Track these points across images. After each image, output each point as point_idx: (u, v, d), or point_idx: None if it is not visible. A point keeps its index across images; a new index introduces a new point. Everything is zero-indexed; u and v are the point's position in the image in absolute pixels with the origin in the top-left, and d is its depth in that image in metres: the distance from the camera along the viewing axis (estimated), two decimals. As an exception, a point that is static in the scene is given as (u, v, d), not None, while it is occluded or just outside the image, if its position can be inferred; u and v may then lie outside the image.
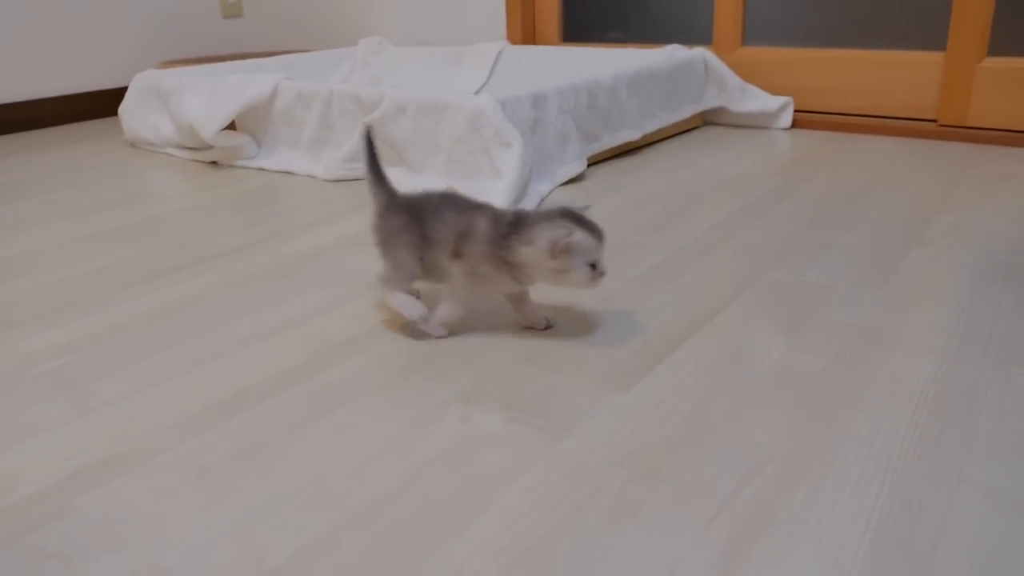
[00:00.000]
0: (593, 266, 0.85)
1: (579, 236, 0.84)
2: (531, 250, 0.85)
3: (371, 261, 1.19)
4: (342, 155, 1.62)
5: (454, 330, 0.95)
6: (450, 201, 0.93)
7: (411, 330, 0.96)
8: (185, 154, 1.89)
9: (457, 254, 0.89)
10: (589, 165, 1.67)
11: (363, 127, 1.02)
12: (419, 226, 0.91)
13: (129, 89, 2.03)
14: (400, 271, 0.92)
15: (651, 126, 1.79)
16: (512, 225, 0.87)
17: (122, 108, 2.04)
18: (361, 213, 1.43)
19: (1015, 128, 1.75)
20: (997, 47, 1.76)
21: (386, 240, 0.93)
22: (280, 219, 1.42)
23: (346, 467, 0.70)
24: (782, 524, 0.61)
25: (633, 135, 1.73)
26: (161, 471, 0.71)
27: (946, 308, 0.97)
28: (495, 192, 1.33)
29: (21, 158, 2.05)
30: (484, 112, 1.38)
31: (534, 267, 0.86)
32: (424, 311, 0.93)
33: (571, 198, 1.45)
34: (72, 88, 2.50)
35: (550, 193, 1.48)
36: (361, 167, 1.64)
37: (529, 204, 1.37)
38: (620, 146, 1.76)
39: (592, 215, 0.87)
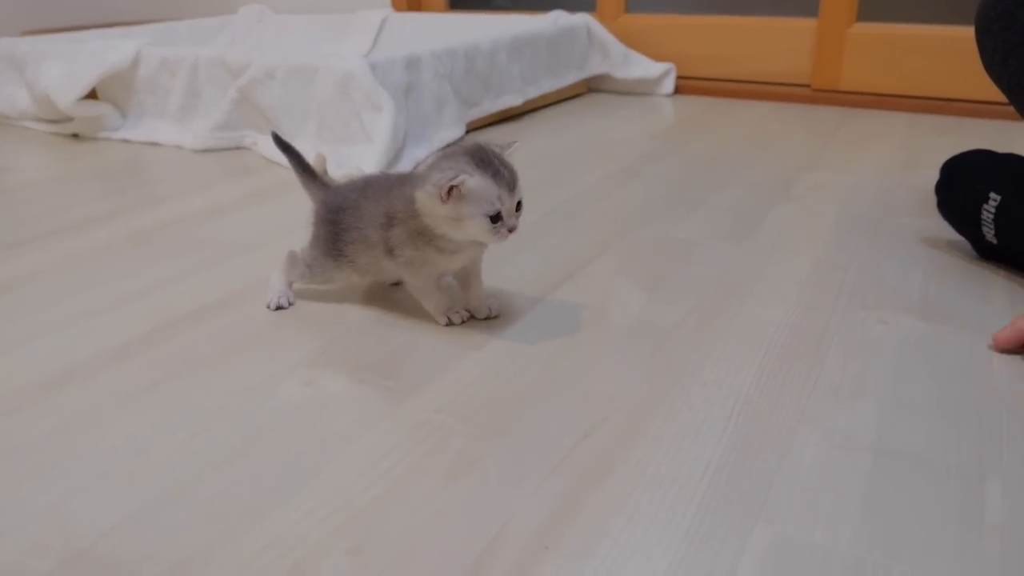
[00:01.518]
0: (496, 217, 0.72)
1: (474, 181, 0.71)
2: (422, 195, 0.73)
3: (228, 230, 1.14)
4: (211, 123, 1.55)
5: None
6: (371, 190, 0.82)
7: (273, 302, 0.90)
8: (44, 127, 1.77)
9: (390, 250, 0.80)
10: (470, 131, 1.64)
11: (271, 136, 0.96)
12: (346, 233, 0.82)
13: (-19, 58, 1.88)
14: (299, 268, 0.87)
15: (533, 92, 1.78)
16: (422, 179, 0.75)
17: (-27, 79, 1.89)
18: (228, 182, 1.37)
19: (883, 92, 1.81)
20: (866, 13, 1.81)
21: (313, 240, 0.86)
22: (140, 191, 1.35)
23: (176, 438, 0.66)
24: (622, 472, 0.60)
25: (515, 100, 1.71)
26: (-32, 452, 0.65)
27: (803, 259, 0.99)
28: (366, 157, 1.29)
29: None
30: (354, 75, 1.34)
31: (431, 216, 0.74)
32: (284, 302, 0.89)
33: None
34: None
35: (427, 159, 1.45)
36: (232, 136, 1.57)
37: (405, 169, 1.33)
38: (502, 112, 1.74)
39: (516, 153, 0.79)
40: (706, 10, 2.00)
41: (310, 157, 1.36)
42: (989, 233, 0.93)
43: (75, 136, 1.72)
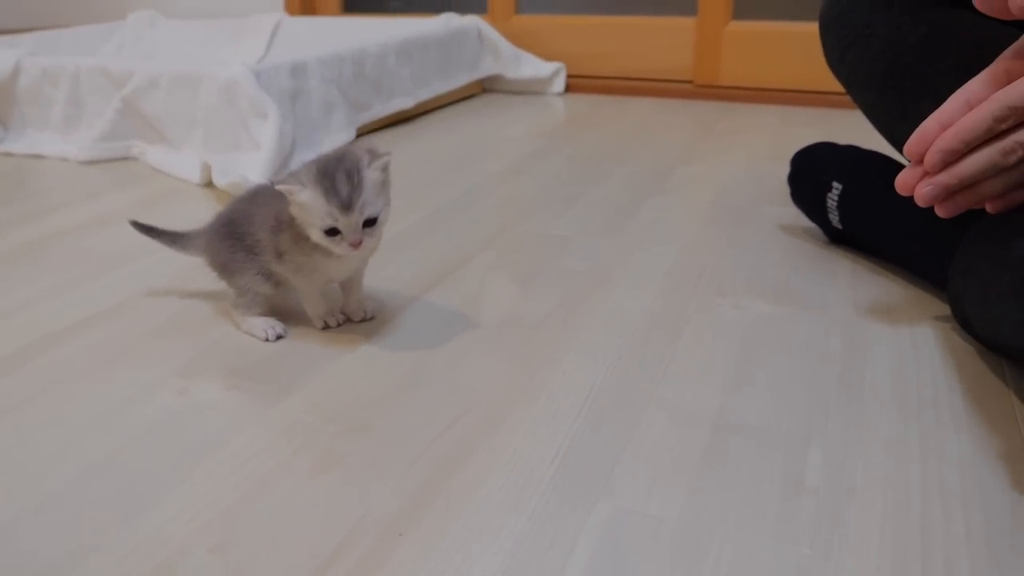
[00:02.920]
0: (332, 231, 0.73)
1: (305, 194, 0.72)
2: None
3: (113, 241, 1.13)
4: (96, 133, 1.52)
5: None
6: (260, 196, 0.83)
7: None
8: (-82, 142, 1.71)
9: (279, 255, 0.80)
10: (362, 134, 1.66)
11: (131, 223, 0.94)
12: (241, 241, 0.82)
13: None
14: (246, 296, 0.84)
15: (425, 94, 1.81)
16: None
17: None
18: (114, 193, 1.35)
19: (758, 86, 1.90)
20: (741, 11, 1.90)
21: (221, 271, 0.85)
22: (23, 204, 1.32)
23: (48, 450, 0.67)
24: (479, 460, 0.64)
25: (406, 103, 1.74)
26: None
27: (669, 249, 1.05)
28: (253, 165, 1.30)
29: None
30: (238, 83, 1.34)
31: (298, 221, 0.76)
32: (280, 330, 0.84)
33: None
34: None
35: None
36: (118, 146, 1.55)
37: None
38: (394, 115, 1.76)
39: (393, 164, 0.78)
40: (593, 10, 2.07)
41: (197, 165, 1.36)
42: (835, 219, 1.01)
43: (-48, 151, 1.67)
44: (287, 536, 0.57)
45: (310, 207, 0.73)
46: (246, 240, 0.83)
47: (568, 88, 2.08)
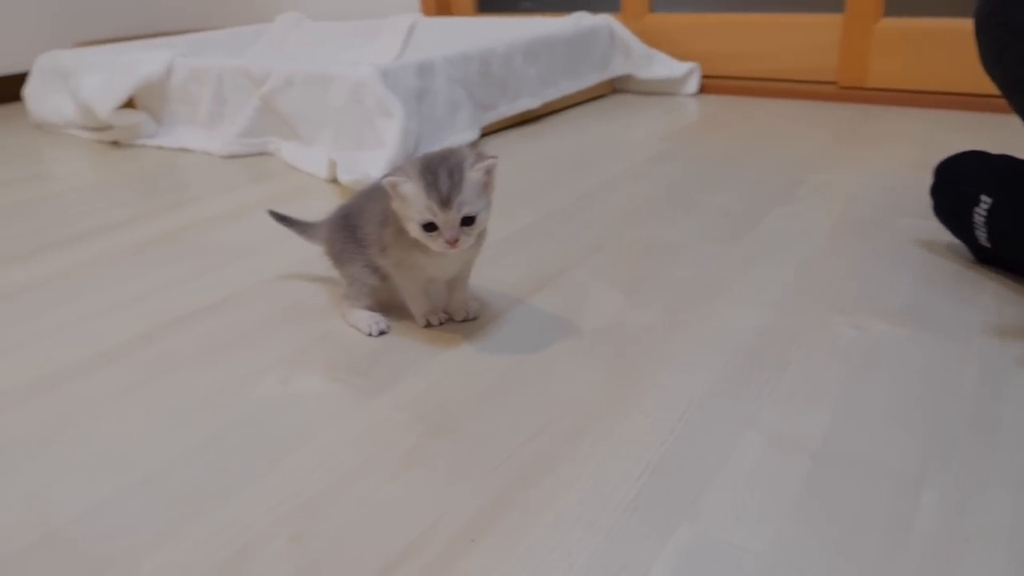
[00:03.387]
0: (430, 227, 0.74)
1: (408, 186, 0.73)
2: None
3: (242, 233, 1.19)
4: (237, 130, 1.61)
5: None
6: (375, 191, 0.84)
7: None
8: (88, 135, 1.86)
9: (383, 248, 0.82)
10: (488, 134, 1.67)
11: (269, 213, 1.00)
12: (353, 233, 0.85)
13: (33, 70, 1.99)
14: (355, 287, 0.87)
15: (551, 94, 1.80)
16: None
17: (26, 90, 2.00)
18: (249, 187, 1.43)
19: (910, 88, 1.78)
20: (893, 7, 1.78)
21: (335, 260, 0.89)
22: (162, 197, 1.41)
23: (152, 433, 0.70)
24: (561, 472, 0.62)
25: (532, 103, 1.73)
26: (-34, 442, 0.71)
27: (790, 261, 0.99)
28: (377, 162, 1.33)
29: (-77, 142, 2.01)
30: (365, 83, 1.38)
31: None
32: (383, 326, 0.86)
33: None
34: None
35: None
36: (256, 142, 1.63)
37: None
38: (520, 115, 1.76)
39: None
40: (731, 8, 1.99)
41: (325, 162, 1.41)
42: (982, 236, 0.92)
43: (115, 143, 1.81)
44: (362, 532, 0.57)
45: (411, 200, 0.74)
46: (357, 233, 0.85)
47: (702, 89, 2.01)
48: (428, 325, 0.87)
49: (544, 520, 0.57)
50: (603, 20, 1.96)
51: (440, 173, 0.73)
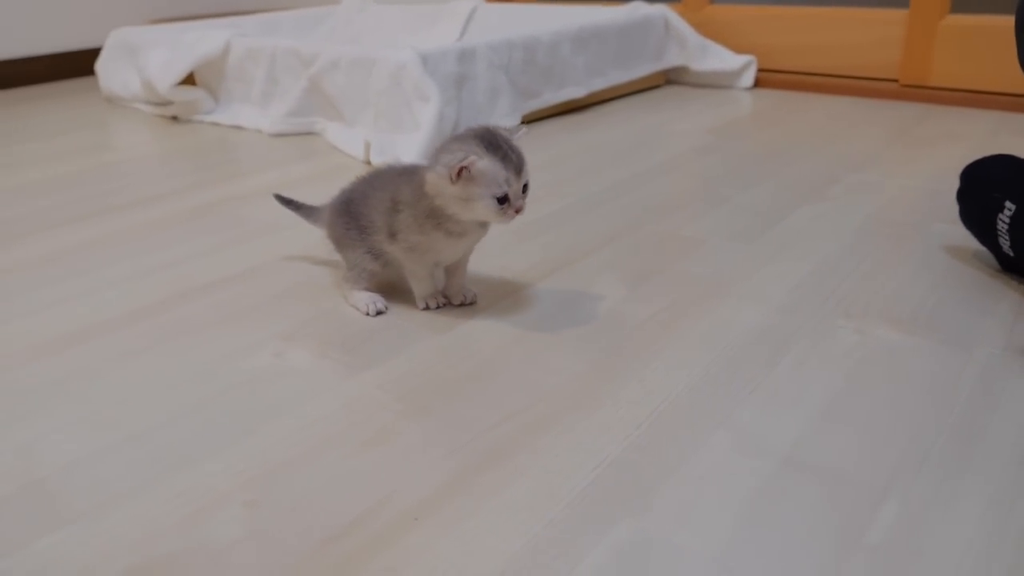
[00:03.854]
0: (504, 199, 0.75)
1: (483, 163, 0.75)
2: (432, 176, 0.77)
3: (271, 210, 1.22)
4: (286, 109, 1.65)
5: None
6: (378, 180, 0.87)
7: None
8: (151, 109, 1.94)
9: (392, 235, 0.83)
10: (531, 121, 1.67)
11: (274, 197, 1.03)
12: (356, 220, 0.87)
13: (104, 46, 2.09)
14: (355, 270, 0.89)
15: (599, 84, 1.78)
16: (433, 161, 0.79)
17: (98, 64, 2.10)
18: (288, 164, 1.47)
19: (974, 88, 1.70)
20: (960, 4, 1.70)
21: (336, 244, 0.91)
22: (208, 171, 1.46)
23: (144, 395, 0.74)
24: (519, 458, 0.63)
25: (577, 92, 1.72)
26: (-22, 394, 0.76)
27: (805, 261, 0.96)
28: (411, 146, 1.35)
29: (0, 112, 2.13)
30: (405, 66, 1.40)
31: (441, 197, 0.77)
32: (381, 306, 0.88)
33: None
34: (65, 46, 2.57)
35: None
36: (303, 121, 1.67)
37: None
38: (565, 103, 1.75)
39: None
40: (793, 1, 1.94)
41: (362, 143, 1.44)
42: (1005, 244, 0.88)
43: (174, 118, 1.88)
44: (314, 504, 0.59)
45: (489, 175, 0.75)
46: (360, 220, 0.86)
47: (758, 83, 1.96)
48: (427, 308, 0.88)
49: (490, 504, 0.58)
50: (658, 10, 1.93)
51: (502, 146, 0.76)
